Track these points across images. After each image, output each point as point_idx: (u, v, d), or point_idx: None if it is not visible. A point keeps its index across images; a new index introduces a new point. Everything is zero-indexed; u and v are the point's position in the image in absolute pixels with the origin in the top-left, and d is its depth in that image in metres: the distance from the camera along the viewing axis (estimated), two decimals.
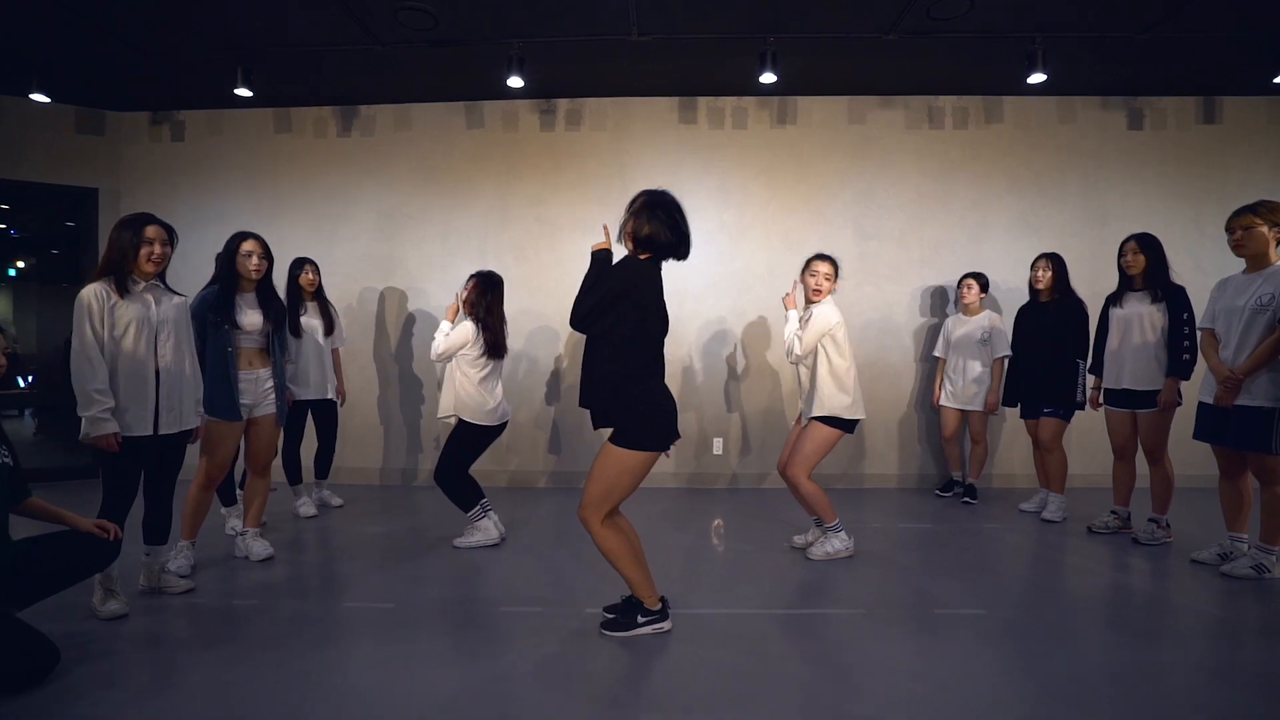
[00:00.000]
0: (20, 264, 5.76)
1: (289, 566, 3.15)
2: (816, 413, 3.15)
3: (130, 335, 2.48)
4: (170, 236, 2.57)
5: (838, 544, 3.22)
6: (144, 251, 2.48)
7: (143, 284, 2.54)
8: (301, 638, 2.35)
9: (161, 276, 2.63)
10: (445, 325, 3.46)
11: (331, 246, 4.97)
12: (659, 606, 2.38)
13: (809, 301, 3.23)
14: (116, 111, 5.08)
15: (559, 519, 4.01)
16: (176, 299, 2.66)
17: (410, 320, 5.05)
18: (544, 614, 2.56)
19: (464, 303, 3.45)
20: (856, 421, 3.20)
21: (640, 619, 2.35)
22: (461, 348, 3.36)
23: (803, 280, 3.25)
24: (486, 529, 3.42)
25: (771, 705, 1.92)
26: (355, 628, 2.44)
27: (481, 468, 4.62)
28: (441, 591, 2.81)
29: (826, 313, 3.15)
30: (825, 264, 3.20)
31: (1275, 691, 1.98)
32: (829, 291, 3.21)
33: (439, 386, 4.99)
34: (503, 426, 3.51)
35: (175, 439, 2.65)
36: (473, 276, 3.49)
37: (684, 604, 2.63)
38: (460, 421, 3.40)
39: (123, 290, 2.47)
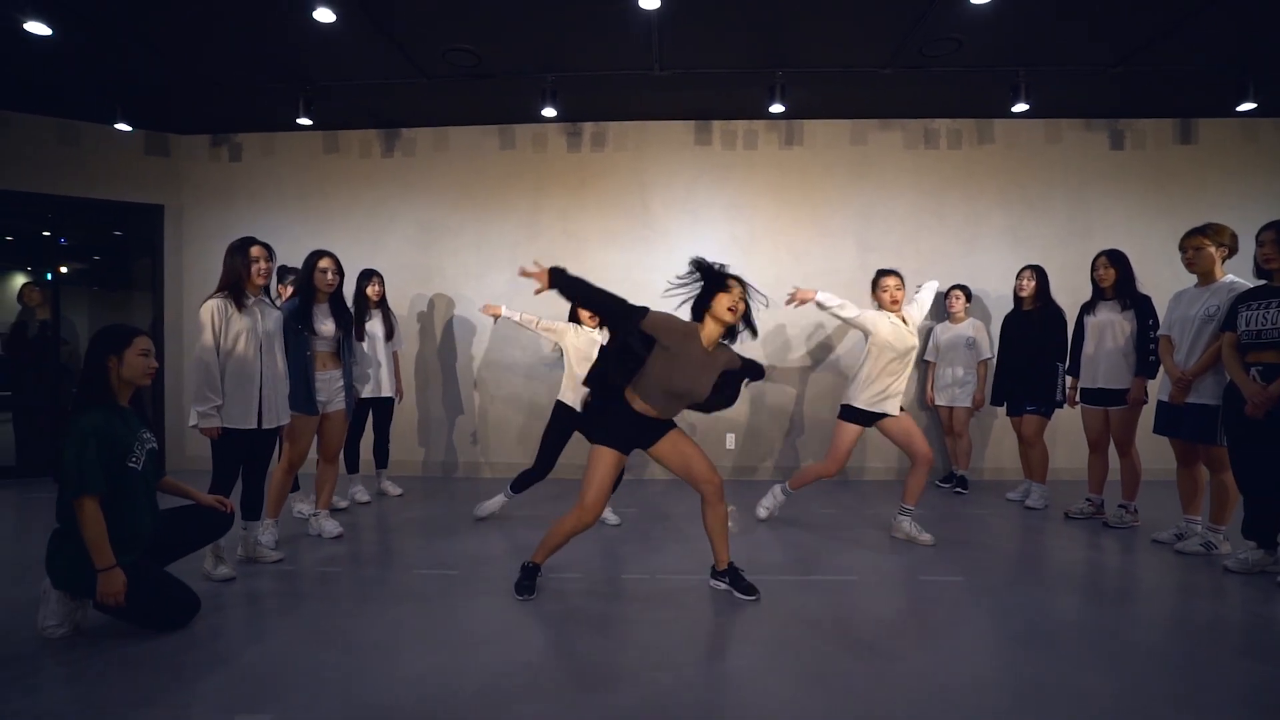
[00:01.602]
0: (63, 269, 6.26)
1: (358, 542, 3.60)
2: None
3: (241, 343, 2.93)
4: (270, 253, 3.02)
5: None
6: (254, 269, 2.94)
7: (253, 298, 2.99)
8: (383, 596, 2.79)
9: (265, 290, 3.07)
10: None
11: (374, 257, 5.41)
12: None
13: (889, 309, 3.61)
14: (179, 135, 5.56)
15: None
16: (276, 312, 3.11)
17: (449, 325, 5.50)
18: (583, 579, 3.00)
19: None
20: None
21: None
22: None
23: (878, 297, 3.66)
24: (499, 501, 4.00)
25: (777, 636, 2.35)
26: (426, 588, 2.88)
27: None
28: (496, 561, 3.25)
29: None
30: (892, 278, 3.60)
31: (1217, 641, 2.39)
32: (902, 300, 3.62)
33: (475, 386, 5.46)
34: None
35: (271, 432, 3.10)
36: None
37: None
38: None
39: (239, 304, 2.92)
